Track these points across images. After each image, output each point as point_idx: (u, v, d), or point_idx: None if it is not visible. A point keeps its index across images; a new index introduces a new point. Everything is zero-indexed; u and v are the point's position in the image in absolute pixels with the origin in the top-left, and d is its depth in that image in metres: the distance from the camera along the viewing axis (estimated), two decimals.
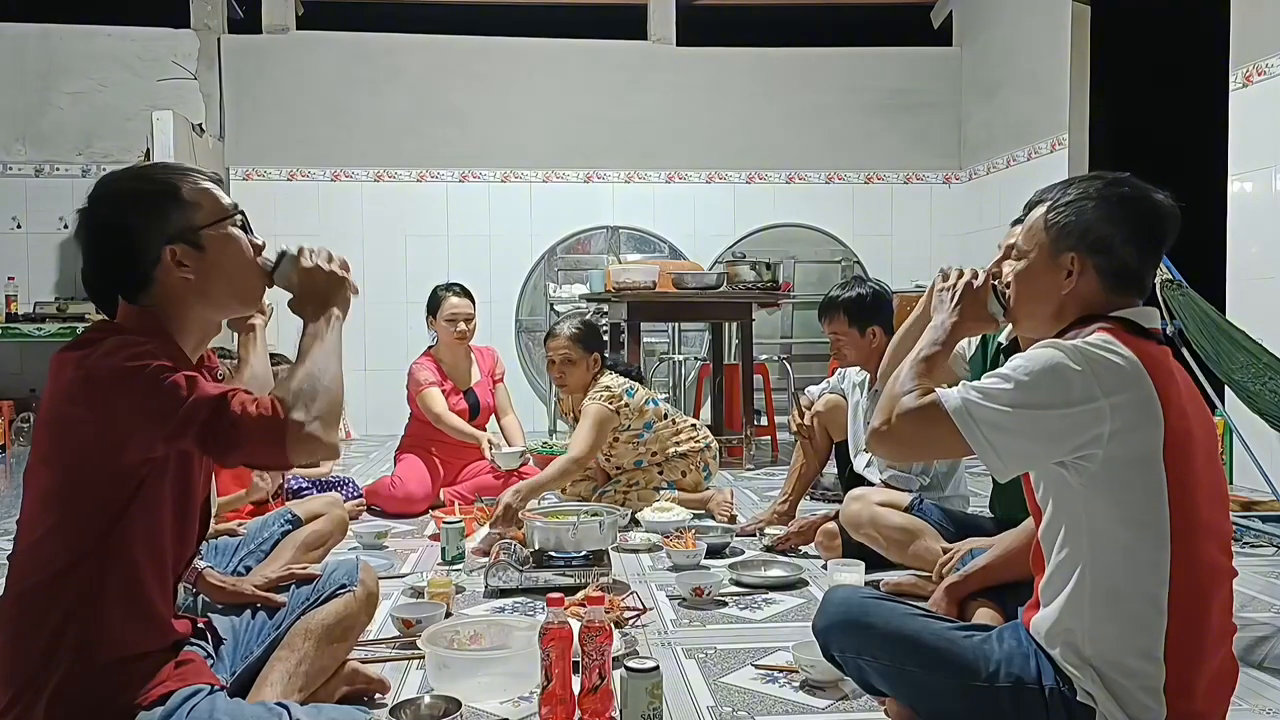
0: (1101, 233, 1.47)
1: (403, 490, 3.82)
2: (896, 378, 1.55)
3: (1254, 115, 4.25)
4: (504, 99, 6.68)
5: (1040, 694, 1.43)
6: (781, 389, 6.06)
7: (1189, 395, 1.45)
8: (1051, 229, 1.50)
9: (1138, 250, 1.48)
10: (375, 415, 6.20)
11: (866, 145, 6.92)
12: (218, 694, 1.45)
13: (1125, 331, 1.44)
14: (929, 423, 1.45)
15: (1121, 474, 1.38)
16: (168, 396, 1.33)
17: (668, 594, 2.68)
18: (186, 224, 1.45)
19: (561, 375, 3.65)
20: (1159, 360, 1.42)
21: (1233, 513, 3.39)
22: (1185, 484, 1.38)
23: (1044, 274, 1.52)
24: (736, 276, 4.88)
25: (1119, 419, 1.36)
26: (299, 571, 1.84)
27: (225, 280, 1.49)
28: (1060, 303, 1.51)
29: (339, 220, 6.50)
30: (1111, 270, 1.48)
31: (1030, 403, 1.38)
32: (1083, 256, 1.48)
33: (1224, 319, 3.18)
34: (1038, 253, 1.53)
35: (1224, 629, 1.44)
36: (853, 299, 3.20)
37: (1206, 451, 1.44)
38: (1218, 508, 1.45)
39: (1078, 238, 1.48)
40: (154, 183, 1.46)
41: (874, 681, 1.61)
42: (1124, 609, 1.39)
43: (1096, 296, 1.49)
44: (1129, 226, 1.47)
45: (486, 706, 1.90)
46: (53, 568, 1.36)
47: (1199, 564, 1.39)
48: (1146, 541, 1.38)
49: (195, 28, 6.47)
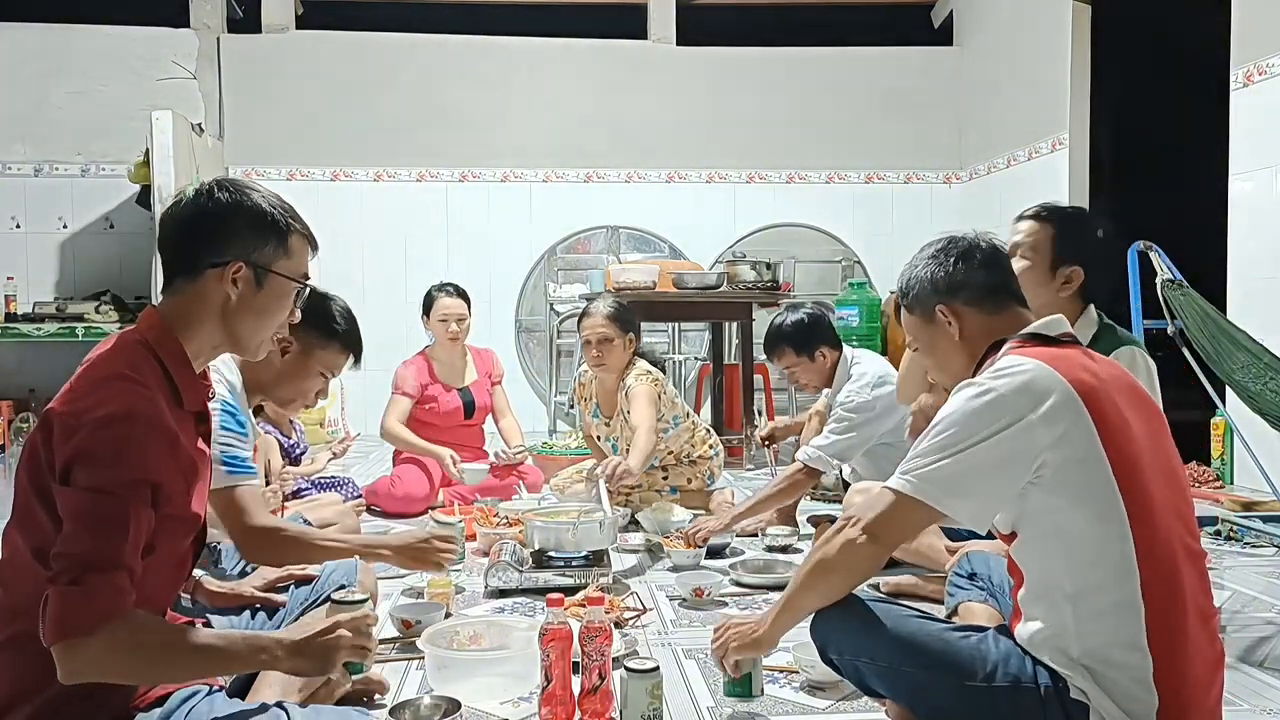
0: (946, 278, 1.65)
1: (402, 490, 3.82)
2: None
3: (1255, 115, 4.25)
4: (504, 99, 6.68)
5: (1037, 693, 1.44)
6: (782, 389, 6.06)
7: (1117, 385, 1.51)
8: (914, 307, 1.70)
9: (986, 272, 1.64)
10: (375, 415, 6.17)
11: (866, 145, 6.91)
12: (216, 694, 1.44)
13: (1031, 343, 1.55)
14: (898, 514, 1.51)
15: (1073, 476, 1.43)
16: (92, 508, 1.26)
17: (668, 594, 2.68)
18: (268, 259, 1.46)
19: (600, 356, 3.55)
20: (1069, 359, 1.50)
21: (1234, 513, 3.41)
22: (1130, 469, 1.43)
23: (933, 338, 1.68)
24: (736, 276, 4.88)
25: (1051, 426, 1.43)
26: (298, 572, 1.84)
27: (254, 322, 1.48)
28: (964, 349, 1.64)
29: (339, 220, 6.48)
30: (978, 298, 1.63)
31: (966, 443, 1.45)
32: (948, 303, 1.64)
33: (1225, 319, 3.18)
34: (918, 332, 1.71)
35: (1202, 611, 1.46)
36: (792, 331, 3.27)
37: (1148, 434, 1.49)
38: (1171, 486, 1.48)
39: (932, 295, 1.66)
40: (277, 212, 1.48)
41: (872, 684, 1.62)
42: (1102, 604, 1.42)
43: (986, 323, 1.62)
44: (963, 261, 1.65)
45: (486, 707, 1.90)
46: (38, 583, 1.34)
47: (1162, 545, 1.42)
48: (1111, 534, 1.41)
49: (195, 27, 6.46)
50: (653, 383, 3.52)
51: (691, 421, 3.79)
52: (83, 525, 1.26)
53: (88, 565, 1.25)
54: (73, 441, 1.28)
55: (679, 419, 3.69)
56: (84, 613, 1.23)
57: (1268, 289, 4.15)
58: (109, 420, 1.28)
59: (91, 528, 1.26)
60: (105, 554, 1.26)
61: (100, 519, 1.27)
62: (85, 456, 1.27)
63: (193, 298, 1.45)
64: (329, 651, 1.37)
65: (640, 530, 3.32)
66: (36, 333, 5.66)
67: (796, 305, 3.43)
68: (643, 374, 3.54)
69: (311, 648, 1.36)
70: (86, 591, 1.23)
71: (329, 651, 1.37)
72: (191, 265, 1.44)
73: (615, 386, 3.61)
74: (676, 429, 3.69)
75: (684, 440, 3.74)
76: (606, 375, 3.64)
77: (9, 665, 1.34)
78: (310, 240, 1.53)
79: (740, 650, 1.73)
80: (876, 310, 5.91)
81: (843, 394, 3.21)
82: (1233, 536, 3.29)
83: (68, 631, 1.23)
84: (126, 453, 1.28)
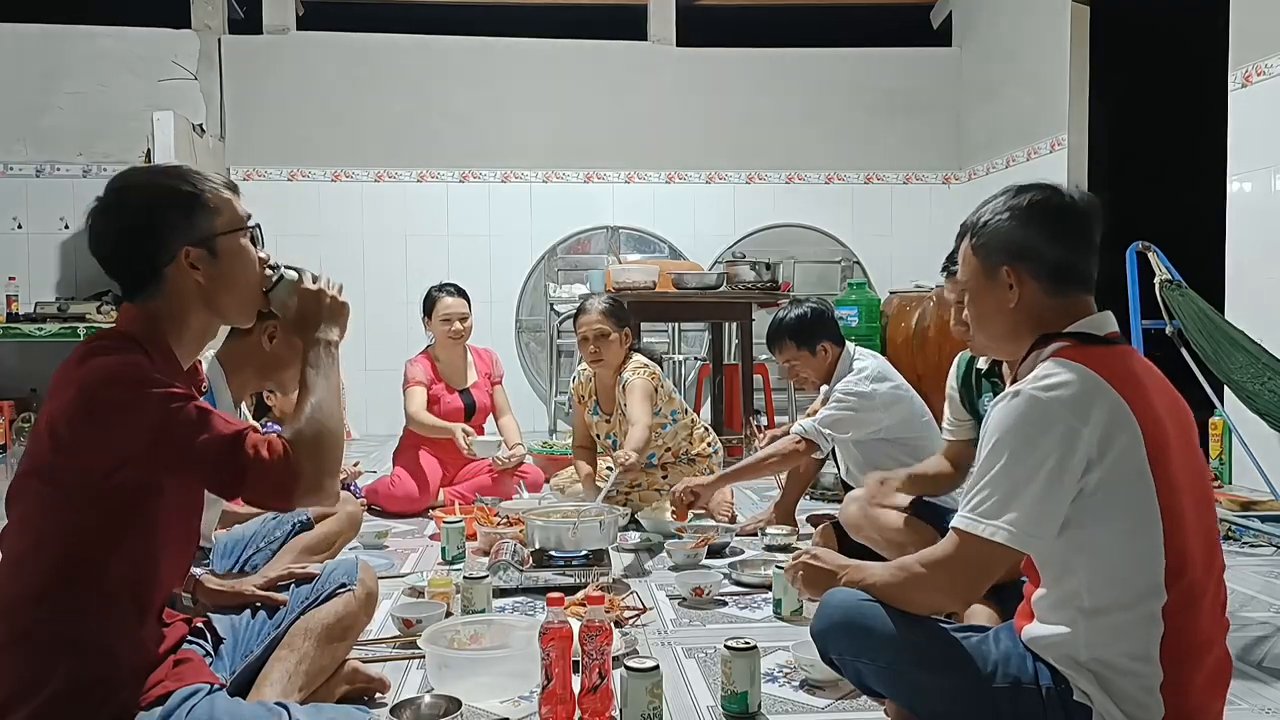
0: (1023, 240, 1.51)
1: (402, 490, 3.83)
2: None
3: (1254, 115, 4.25)
4: (504, 99, 6.68)
5: (1038, 694, 1.44)
6: (782, 389, 6.06)
7: (1158, 390, 1.46)
8: (979, 251, 1.57)
9: (1065, 247, 1.51)
10: (375, 415, 6.20)
11: (866, 145, 6.92)
12: (217, 693, 1.45)
13: (1080, 345, 1.47)
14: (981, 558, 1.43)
15: (1117, 495, 1.38)
16: (177, 428, 1.34)
17: (668, 594, 2.69)
18: (207, 229, 1.47)
19: (597, 351, 3.57)
20: (1119, 365, 1.44)
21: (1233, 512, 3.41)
22: (1171, 487, 1.39)
23: (987, 295, 1.57)
24: (736, 276, 4.88)
25: (1099, 438, 1.37)
26: (298, 571, 1.84)
27: (231, 289, 1.51)
28: (1012, 319, 1.54)
29: (339, 220, 6.50)
30: (1047, 272, 1.51)
31: (1028, 473, 1.38)
32: (1016, 268, 1.52)
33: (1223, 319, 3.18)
34: (974, 278, 1.59)
35: (1217, 626, 1.45)
36: (795, 324, 3.27)
37: (1184, 447, 1.45)
38: (1203, 504, 1.45)
39: (1004, 251, 1.53)
40: (183, 183, 1.48)
41: (872, 684, 1.61)
42: (1120, 620, 1.39)
43: (1043, 303, 1.52)
44: (1047, 227, 1.51)
45: (486, 706, 1.90)
46: (40, 582, 1.35)
47: (1191, 566, 1.39)
48: (1143, 554, 1.38)
49: (195, 28, 6.46)
50: (650, 376, 3.53)
51: (690, 419, 3.79)
52: (191, 432, 1.35)
53: (233, 448, 1.36)
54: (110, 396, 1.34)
55: (676, 414, 3.69)
56: (277, 473, 1.37)
57: (1267, 289, 4.15)
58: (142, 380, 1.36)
59: (198, 425, 1.35)
60: (227, 429, 1.37)
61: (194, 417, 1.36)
62: (125, 401, 1.34)
63: (168, 298, 1.47)
64: (333, 304, 1.58)
65: (640, 530, 3.32)
66: (38, 333, 5.67)
67: (800, 300, 3.43)
68: (639, 367, 3.56)
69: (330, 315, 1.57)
70: (258, 461, 1.36)
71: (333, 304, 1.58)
72: (148, 276, 1.46)
73: (614, 382, 3.62)
74: (675, 425, 3.69)
75: (682, 438, 3.75)
76: (604, 371, 3.65)
77: (10, 664, 1.34)
78: (224, 185, 1.53)
79: (806, 584, 1.72)
80: (876, 310, 5.91)
81: (841, 383, 3.21)
82: (1231, 536, 3.30)
83: (290, 489, 1.39)
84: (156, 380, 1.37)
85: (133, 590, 1.41)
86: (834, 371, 3.31)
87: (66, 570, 1.35)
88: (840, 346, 3.33)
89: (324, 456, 1.42)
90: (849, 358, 3.32)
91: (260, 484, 1.37)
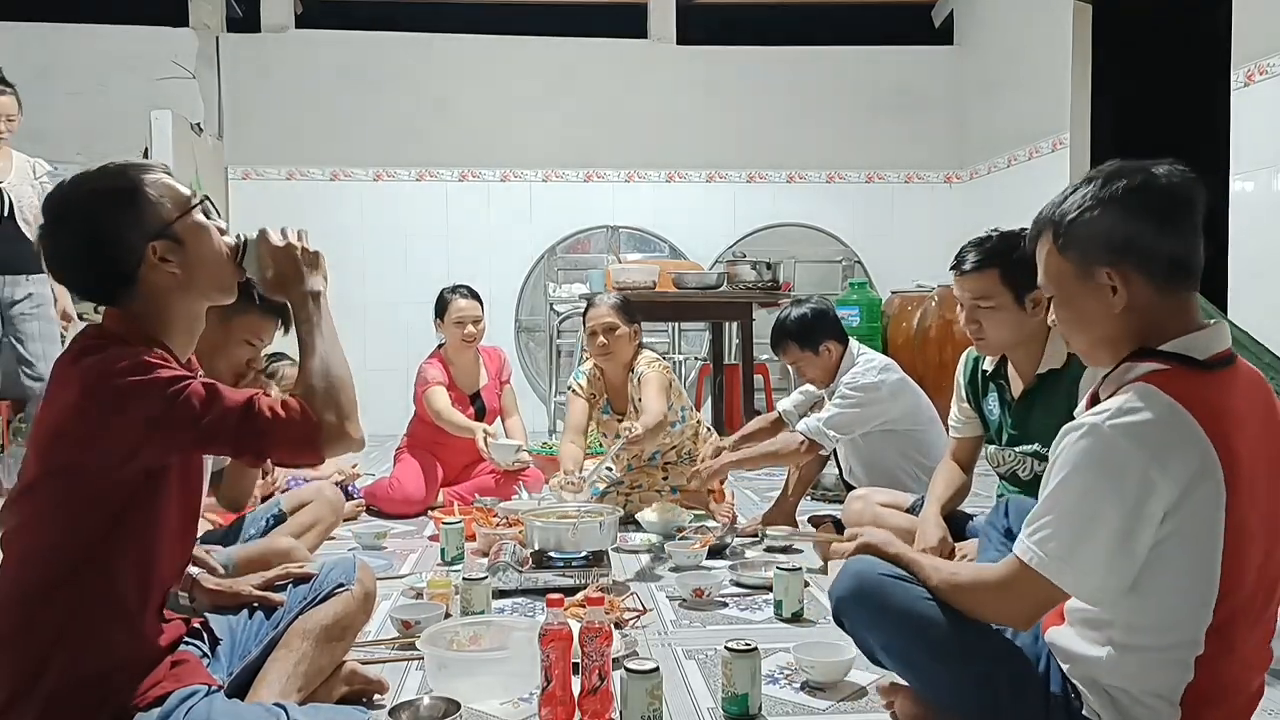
0: (1126, 235, 1.32)
1: (401, 492, 3.81)
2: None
3: (1255, 115, 4.24)
4: (504, 99, 6.67)
5: (1043, 694, 1.43)
6: (782, 388, 6.05)
7: (1259, 422, 1.32)
8: (1070, 252, 1.37)
9: (1176, 236, 1.32)
10: (375, 415, 6.08)
11: (866, 145, 6.91)
12: (215, 694, 1.44)
13: (1178, 370, 1.30)
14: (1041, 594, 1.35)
15: (1181, 546, 1.27)
16: (186, 405, 1.34)
17: (668, 594, 2.67)
18: (162, 218, 1.45)
19: (606, 345, 3.55)
20: (1217, 398, 1.29)
21: None
22: (1241, 539, 1.27)
23: (1085, 301, 1.37)
24: (736, 276, 4.87)
25: (1178, 493, 1.25)
26: (296, 571, 1.83)
27: (205, 270, 1.50)
28: (1119, 324, 1.35)
29: (339, 220, 6.49)
30: (1161, 269, 1.32)
31: (1097, 522, 1.27)
32: (1119, 268, 1.33)
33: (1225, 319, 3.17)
34: (1065, 283, 1.39)
35: (1254, 666, 1.38)
36: (796, 325, 3.26)
37: (1269, 488, 1.31)
38: (1273, 548, 1.33)
39: (1104, 250, 1.33)
40: (122, 180, 1.46)
41: (879, 657, 1.61)
42: (1151, 659, 1.34)
43: (1155, 304, 1.33)
44: (1153, 217, 1.32)
45: (486, 707, 1.89)
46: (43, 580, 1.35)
47: (1238, 621, 1.31)
48: (1191, 606, 1.29)
49: (194, 27, 6.45)
50: (663, 370, 3.53)
51: (695, 419, 3.79)
52: (200, 407, 1.35)
53: (246, 413, 1.37)
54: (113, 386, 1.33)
55: (685, 413, 3.69)
56: (298, 428, 1.40)
57: (1269, 289, 4.14)
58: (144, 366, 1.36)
59: (207, 401, 1.36)
60: (237, 396, 1.39)
61: (202, 393, 1.37)
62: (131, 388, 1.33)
63: (146, 298, 1.45)
64: (304, 254, 1.57)
65: (640, 530, 3.31)
66: None
67: (801, 300, 3.42)
68: (653, 360, 3.57)
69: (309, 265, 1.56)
70: (279, 421, 1.38)
71: (304, 254, 1.57)
72: (122, 280, 1.44)
73: (624, 379, 3.60)
74: (683, 424, 3.68)
75: (688, 436, 3.74)
76: (613, 366, 3.62)
77: (9, 663, 1.34)
78: (153, 166, 1.52)
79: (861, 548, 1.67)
80: (877, 310, 5.91)
81: (848, 376, 3.21)
82: None
83: (314, 441, 1.41)
84: (157, 365, 1.37)
85: (133, 586, 1.41)
86: (839, 370, 3.30)
87: (68, 568, 1.35)
88: (844, 345, 3.32)
89: (340, 403, 1.45)
90: (853, 355, 3.31)
91: (284, 441, 1.40)
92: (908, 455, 3.17)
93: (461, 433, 3.86)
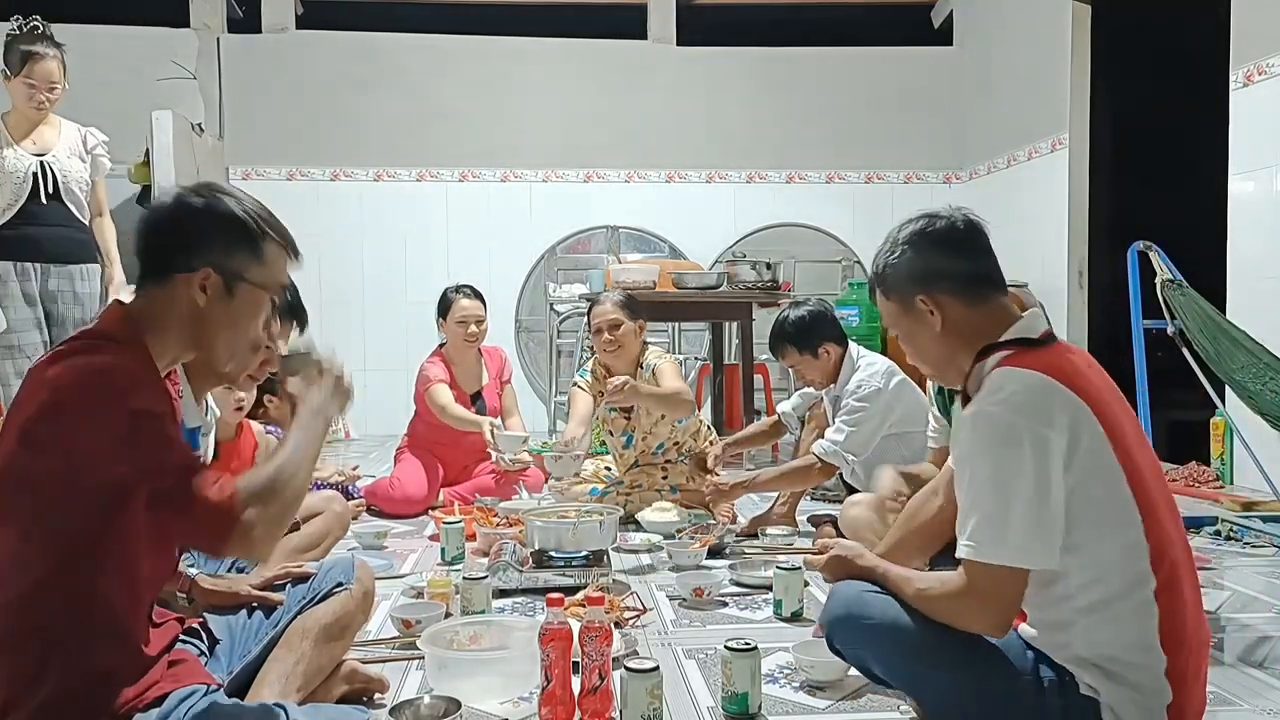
0: (925, 267, 1.57)
1: (401, 492, 3.81)
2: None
3: (1255, 114, 4.25)
4: (504, 99, 6.68)
5: (1037, 685, 1.45)
6: (782, 389, 6.05)
7: (1102, 381, 1.50)
8: (891, 295, 1.63)
9: (968, 257, 1.57)
10: (375, 415, 6.18)
11: (866, 145, 6.91)
12: (214, 694, 1.44)
13: (1021, 351, 1.49)
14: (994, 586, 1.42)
15: (1092, 489, 1.40)
16: (137, 446, 1.30)
17: (668, 594, 2.68)
18: (239, 267, 1.44)
19: (613, 340, 3.56)
20: (1063, 363, 1.47)
21: (1234, 513, 3.41)
22: (1137, 475, 1.42)
23: (914, 329, 1.61)
24: (736, 276, 4.87)
25: (1067, 440, 1.39)
26: (295, 570, 1.83)
27: (223, 334, 1.47)
28: (945, 342, 1.58)
29: (339, 220, 6.49)
30: (962, 286, 1.55)
31: (1012, 490, 1.38)
32: (930, 294, 1.57)
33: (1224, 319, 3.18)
34: (897, 320, 1.64)
35: (1196, 599, 1.48)
36: (795, 328, 3.26)
37: (1136, 432, 1.48)
38: (1160, 482, 1.48)
39: (912, 283, 1.58)
40: (257, 220, 1.46)
41: (877, 672, 1.64)
42: (1116, 612, 1.41)
43: (968, 317, 1.55)
44: (945, 248, 1.57)
45: (486, 707, 1.89)
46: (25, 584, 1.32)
47: (1169, 546, 1.42)
48: (1128, 545, 1.40)
49: (195, 27, 6.46)
50: (673, 361, 3.58)
51: (698, 418, 3.79)
52: (149, 453, 1.31)
53: (183, 478, 1.33)
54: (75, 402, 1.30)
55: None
56: (217, 515, 1.33)
57: (1268, 289, 4.14)
58: (113, 390, 1.31)
59: (157, 449, 1.32)
60: (184, 458, 1.36)
61: (156, 439, 1.33)
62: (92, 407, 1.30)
63: (160, 302, 1.43)
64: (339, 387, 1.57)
65: (640, 530, 3.32)
66: None
67: (800, 302, 3.42)
68: (663, 353, 3.63)
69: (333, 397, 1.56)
70: (203, 499, 1.32)
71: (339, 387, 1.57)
72: (160, 270, 1.42)
73: (632, 375, 3.60)
74: (690, 419, 3.69)
75: (689, 434, 3.74)
76: (619, 363, 3.62)
77: (5, 666, 1.33)
78: (288, 248, 1.51)
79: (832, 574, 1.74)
80: (877, 310, 5.90)
81: (853, 383, 3.20)
82: (1232, 536, 3.29)
83: (224, 535, 1.34)
84: (129, 390, 1.33)
85: (119, 590, 1.38)
86: (839, 372, 3.30)
87: (52, 571, 1.32)
88: (843, 346, 3.32)
89: (270, 514, 1.37)
90: (853, 357, 3.31)
91: (196, 522, 1.33)
92: (907, 458, 3.17)
93: (468, 426, 3.84)
